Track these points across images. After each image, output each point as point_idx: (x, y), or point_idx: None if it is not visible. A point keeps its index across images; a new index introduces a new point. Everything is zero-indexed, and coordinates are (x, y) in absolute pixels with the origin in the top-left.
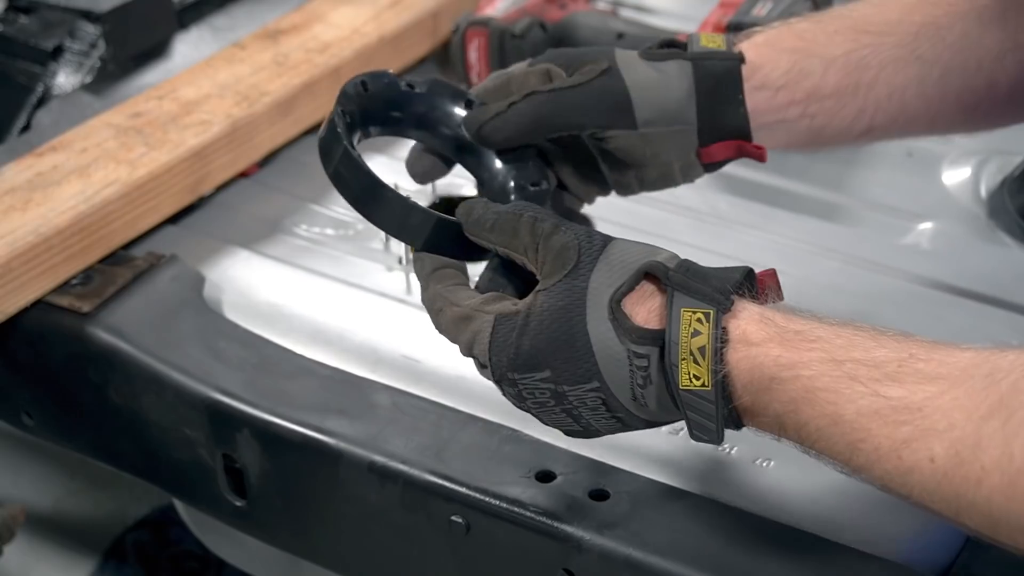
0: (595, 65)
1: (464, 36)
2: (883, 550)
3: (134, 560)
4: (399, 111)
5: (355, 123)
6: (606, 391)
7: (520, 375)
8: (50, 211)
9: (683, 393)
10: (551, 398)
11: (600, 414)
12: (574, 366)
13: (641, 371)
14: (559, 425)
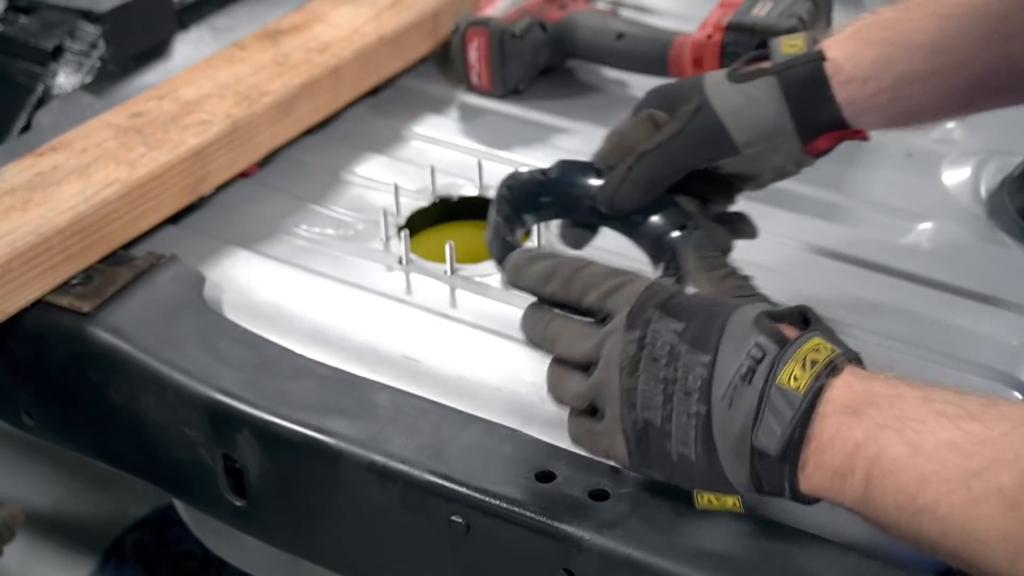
0: (688, 106)
1: (464, 36)
2: (883, 550)
3: (134, 560)
4: (543, 198)
5: (511, 220)
6: (712, 368)
7: (661, 315)
8: (50, 211)
9: (775, 389)
10: (666, 356)
11: (689, 402)
12: (705, 331)
13: (752, 360)
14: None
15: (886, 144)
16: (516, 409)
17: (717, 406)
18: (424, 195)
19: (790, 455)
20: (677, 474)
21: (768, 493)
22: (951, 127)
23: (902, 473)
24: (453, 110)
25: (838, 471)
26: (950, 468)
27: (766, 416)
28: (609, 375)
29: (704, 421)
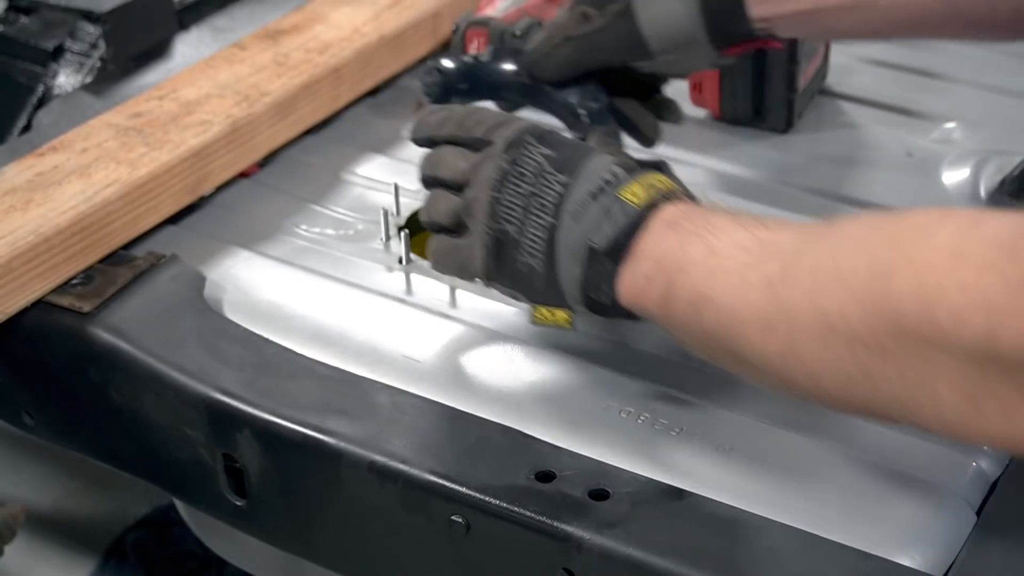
0: (614, 6)
1: (464, 36)
2: (883, 550)
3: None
4: (470, 82)
5: (441, 103)
6: (568, 187)
7: (535, 142)
8: (51, 211)
9: (615, 200)
10: (532, 174)
11: (543, 215)
12: (570, 158)
13: (603, 181)
14: (497, 222)
15: (886, 144)
16: (516, 409)
17: (565, 219)
18: (424, 195)
19: (615, 255)
20: (521, 285)
21: (593, 301)
22: (951, 127)
23: (696, 270)
24: None
25: (648, 276)
26: (733, 262)
27: (603, 222)
28: (480, 191)
29: (550, 230)
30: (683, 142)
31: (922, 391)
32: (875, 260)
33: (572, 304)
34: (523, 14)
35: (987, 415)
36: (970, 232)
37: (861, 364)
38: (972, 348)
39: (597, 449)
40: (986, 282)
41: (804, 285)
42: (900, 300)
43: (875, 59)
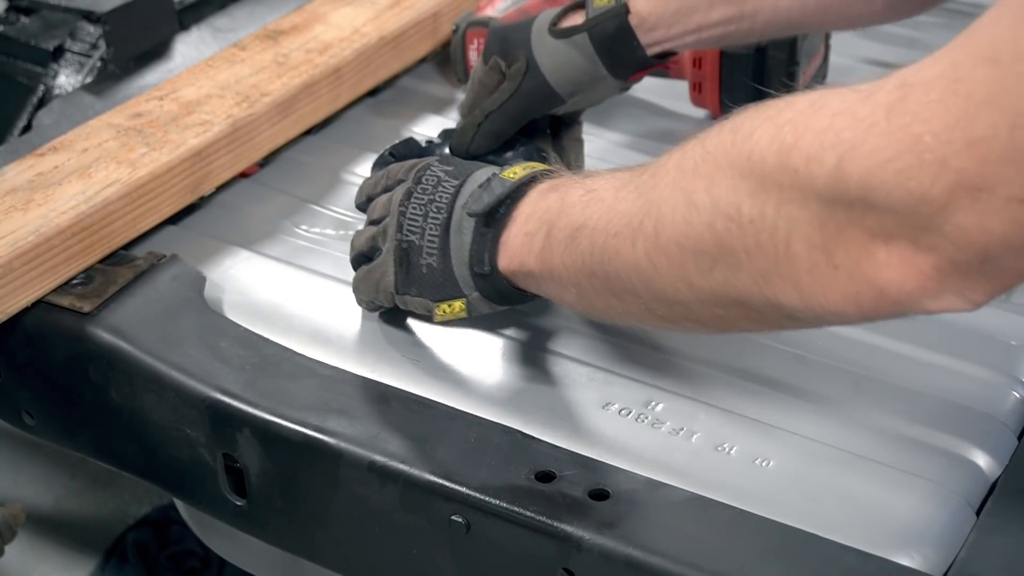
0: (518, 64)
1: (464, 36)
2: (883, 550)
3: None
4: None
5: None
6: (460, 186)
7: (438, 165)
8: (51, 211)
9: (496, 179)
10: (432, 186)
11: (439, 215)
12: (465, 168)
13: (491, 174)
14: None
15: None
16: (516, 409)
17: (456, 212)
18: None
19: (492, 220)
20: (425, 286)
21: (479, 278)
22: None
23: (574, 208)
24: (453, 110)
25: (529, 231)
26: (608, 190)
27: (483, 195)
28: (391, 215)
29: (444, 225)
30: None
31: (778, 254)
32: (741, 128)
33: (465, 290)
34: (523, 14)
35: (839, 266)
36: (829, 91)
37: (720, 239)
38: (822, 190)
39: (597, 449)
40: (839, 124)
41: (670, 176)
42: (760, 153)
43: (875, 59)
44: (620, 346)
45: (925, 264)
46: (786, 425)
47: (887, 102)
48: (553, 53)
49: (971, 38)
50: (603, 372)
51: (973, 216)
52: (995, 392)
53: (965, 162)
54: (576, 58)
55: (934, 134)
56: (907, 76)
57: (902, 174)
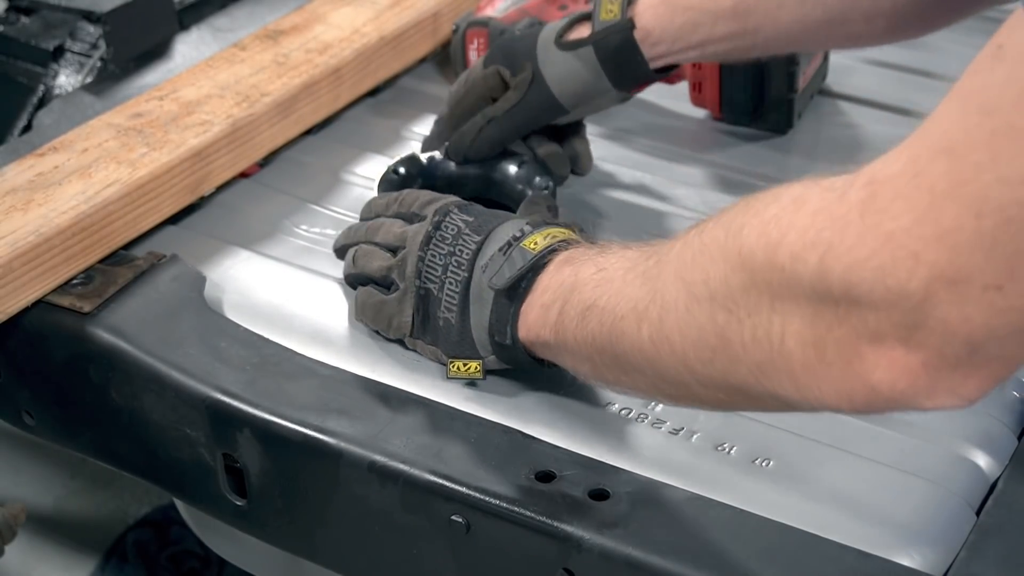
0: (524, 74)
1: (464, 36)
2: (883, 550)
3: (135, 559)
4: (428, 178)
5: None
6: (481, 244)
7: (458, 211)
8: (51, 211)
9: (517, 249)
10: (452, 236)
11: (459, 272)
12: (486, 221)
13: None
14: (421, 280)
15: (886, 144)
16: (516, 409)
17: (476, 272)
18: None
19: (513, 294)
20: (440, 339)
21: (498, 345)
22: None
23: (586, 286)
24: None
25: (545, 304)
26: (617, 270)
27: (505, 267)
28: (410, 253)
29: (465, 284)
30: (683, 142)
31: (773, 349)
32: (732, 223)
33: (482, 352)
34: (523, 14)
35: (831, 363)
36: (812, 185)
37: (720, 331)
38: (809, 288)
39: (597, 449)
40: (819, 222)
41: (673, 265)
42: (750, 249)
43: (875, 59)
44: None
45: (914, 362)
46: (786, 425)
47: (859, 200)
48: (558, 65)
49: (927, 130)
50: None
51: (953, 308)
52: (995, 392)
53: (937, 255)
54: (580, 71)
55: (904, 230)
56: (875, 172)
57: (880, 271)
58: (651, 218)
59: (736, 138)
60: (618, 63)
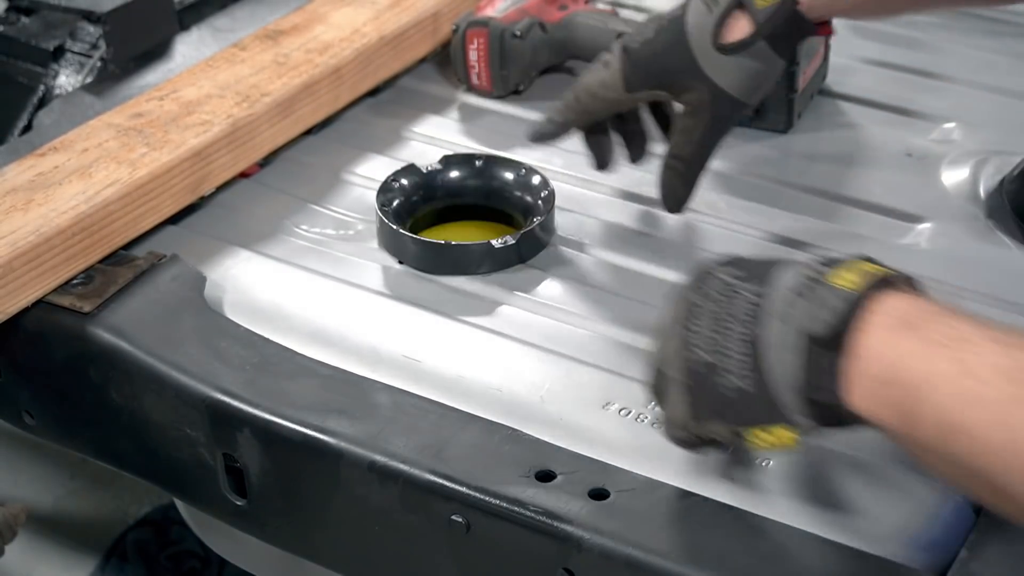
0: (696, 95)
1: (464, 36)
2: (882, 550)
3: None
4: (428, 190)
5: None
6: (767, 293)
7: (721, 268)
8: (51, 211)
9: (827, 288)
10: (723, 295)
11: (743, 328)
12: (762, 269)
13: (807, 279)
14: (692, 353)
15: (886, 144)
16: (516, 409)
17: (769, 323)
18: None
19: (837, 343)
20: (733, 412)
21: (816, 406)
22: (950, 127)
23: (946, 391)
24: (453, 110)
25: (882, 380)
26: (994, 391)
27: (817, 310)
28: (671, 335)
29: (754, 342)
30: None
31: None
32: None
33: (792, 416)
34: (523, 14)
35: None
36: None
37: None
38: None
39: (597, 449)
40: None
41: None
42: None
43: (875, 59)
44: (620, 346)
45: None
46: None
47: None
48: (733, 70)
49: None
50: (603, 372)
51: None
52: None
53: None
54: (756, 65)
55: None
56: None
57: None
58: (651, 218)
59: (736, 138)
60: (788, 42)
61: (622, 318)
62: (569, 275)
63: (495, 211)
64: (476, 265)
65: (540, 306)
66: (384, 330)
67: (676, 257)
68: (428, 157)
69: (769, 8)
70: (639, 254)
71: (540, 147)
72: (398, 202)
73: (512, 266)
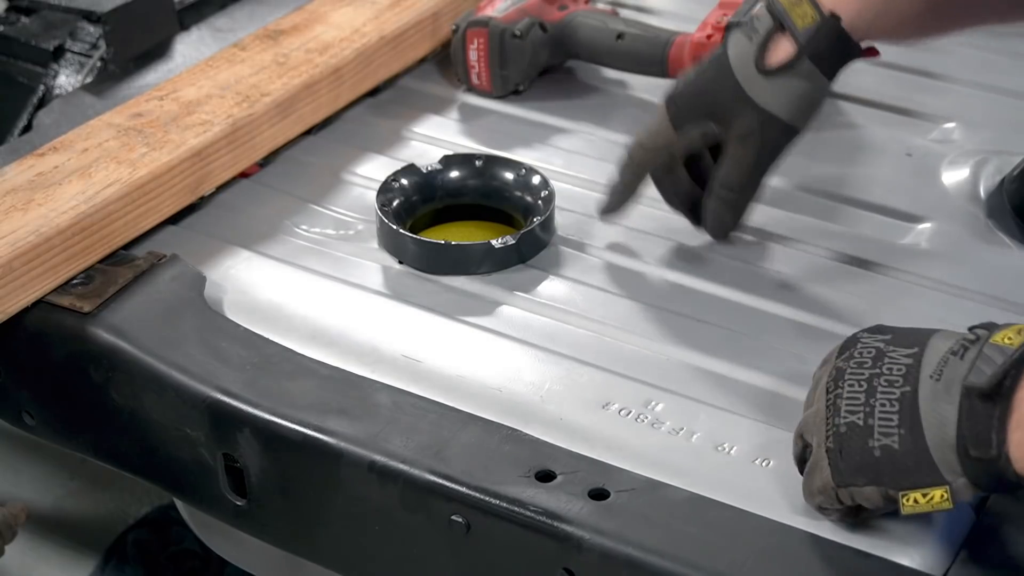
0: (746, 121)
1: (464, 36)
2: (883, 550)
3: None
4: (429, 190)
5: (400, 214)
6: (920, 355)
7: (869, 334)
8: (51, 211)
9: (988, 346)
10: (872, 358)
11: (893, 389)
12: (913, 335)
13: (965, 341)
14: (839, 416)
15: (886, 144)
16: (516, 409)
17: (924, 383)
18: None
19: (1000, 397)
20: (881, 472)
21: (975, 463)
22: (950, 127)
23: None
24: (453, 110)
25: None
26: None
27: (978, 365)
28: (817, 402)
29: (910, 399)
30: None
31: None
32: None
33: (948, 475)
34: (523, 14)
35: None
36: None
37: None
38: None
39: (597, 449)
40: None
41: None
42: None
43: (875, 59)
44: (620, 346)
45: None
46: (786, 425)
47: None
48: (781, 93)
49: None
50: (603, 372)
51: None
52: None
53: None
54: (802, 86)
55: None
56: None
57: None
58: (651, 218)
59: None
60: (833, 62)
61: (622, 318)
62: (569, 275)
63: (495, 211)
64: (476, 265)
65: (540, 306)
66: (384, 330)
67: (676, 257)
68: (428, 157)
69: (811, 27)
70: (639, 254)
71: (540, 147)
72: (398, 202)
73: (512, 266)
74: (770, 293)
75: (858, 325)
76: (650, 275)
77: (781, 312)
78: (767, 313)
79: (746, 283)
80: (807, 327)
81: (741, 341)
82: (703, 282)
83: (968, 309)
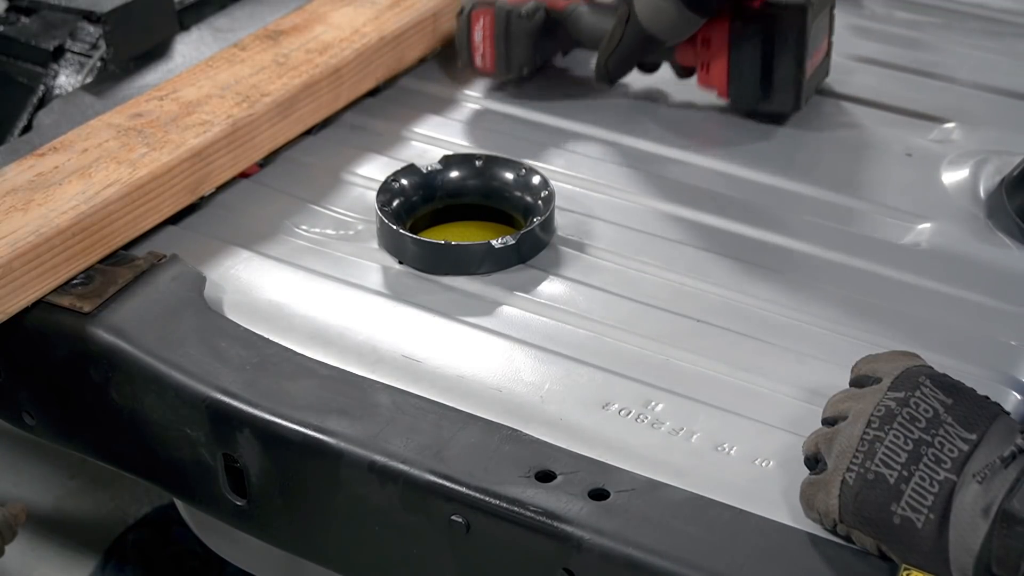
0: (622, 10)
1: (470, 16)
2: None
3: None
4: (428, 190)
5: (400, 214)
6: (975, 446)
7: (930, 385)
8: (51, 211)
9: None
10: (927, 420)
11: (938, 470)
12: (974, 414)
13: (1017, 448)
14: (872, 461)
15: (886, 144)
16: (516, 409)
17: (968, 479)
18: None
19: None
20: (892, 538)
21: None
22: (950, 127)
23: None
24: (453, 110)
25: None
26: None
27: (1021, 490)
28: (852, 427)
29: (949, 490)
30: (683, 142)
31: None
32: None
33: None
34: None
35: None
36: None
37: None
38: None
39: (597, 449)
40: None
41: None
42: None
43: (875, 59)
44: (620, 346)
45: None
46: (786, 426)
47: None
48: (647, 4)
49: None
50: (603, 372)
51: None
52: (995, 392)
53: None
54: (665, 6)
55: None
56: None
57: None
58: (651, 218)
59: (736, 138)
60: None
61: (622, 318)
62: (569, 275)
63: (495, 211)
64: (476, 265)
65: (540, 306)
66: (384, 330)
67: (676, 257)
68: (428, 157)
69: None
70: (639, 254)
71: (540, 147)
72: (398, 202)
73: (512, 266)
74: (770, 293)
75: (858, 325)
76: (650, 275)
77: (781, 312)
78: (767, 313)
79: (746, 283)
80: (807, 327)
81: (741, 341)
82: (703, 282)
83: (967, 308)
